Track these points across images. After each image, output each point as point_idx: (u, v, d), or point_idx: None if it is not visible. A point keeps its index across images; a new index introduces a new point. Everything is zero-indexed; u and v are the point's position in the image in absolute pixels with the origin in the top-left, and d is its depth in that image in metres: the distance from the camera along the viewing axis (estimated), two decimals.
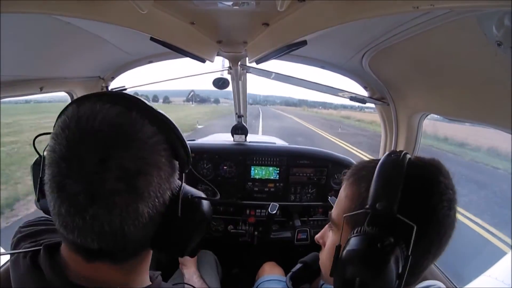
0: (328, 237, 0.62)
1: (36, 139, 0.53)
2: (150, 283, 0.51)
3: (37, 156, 0.53)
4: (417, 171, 0.49)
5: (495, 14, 0.53)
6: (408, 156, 0.52)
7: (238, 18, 0.88)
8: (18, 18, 0.68)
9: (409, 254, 0.43)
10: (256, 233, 1.54)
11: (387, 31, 0.79)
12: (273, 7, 0.68)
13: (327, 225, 0.65)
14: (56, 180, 0.37)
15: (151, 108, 0.42)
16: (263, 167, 1.64)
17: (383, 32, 0.81)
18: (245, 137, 1.70)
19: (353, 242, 0.45)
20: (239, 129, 1.69)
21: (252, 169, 1.64)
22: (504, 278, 0.90)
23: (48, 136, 0.41)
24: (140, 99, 0.42)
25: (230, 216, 1.64)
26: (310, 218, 1.63)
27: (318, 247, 0.68)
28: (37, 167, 0.48)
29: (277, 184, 1.64)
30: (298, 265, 0.84)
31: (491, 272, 0.95)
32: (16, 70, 0.93)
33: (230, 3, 0.73)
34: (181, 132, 0.45)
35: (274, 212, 1.37)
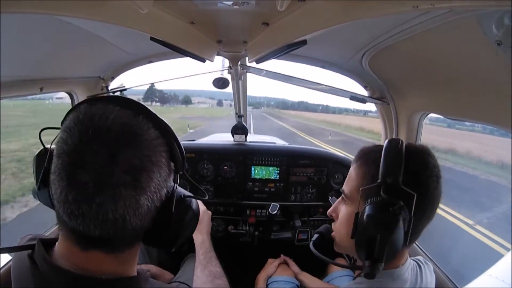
0: (340, 210, 0.73)
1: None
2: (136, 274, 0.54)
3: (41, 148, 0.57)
4: (413, 154, 0.62)
5: (495, 13, 0.53)
6: (404, 143, 0.65)
7: (238, 17, 0.88)
8: (18, 18, 0.68)
9: (412, 216, 0.56)
10: (256, 233, 1.54)
11: (387, 30, 0.79)
12: (273, 7, 0.68)
13: (338, 200, 0.76)
14: (67, 169, 0.41)
15: (155, 114, 0.48)
16: (263, 167, 1.64)
17: (383, 32, 0.81)
18: (245, 137, 1.70)
19: (369, 208, 0.58)
20: (239, 129, 1.69)
21: (253, 169, 1.64)
22: (504, 277, 0.90)
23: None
24: (145, 106, 0.48)
25: (230, 217, 1.64)
26: (310, 218, 1.63)
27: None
28: (41, 158, 0.52)
29: (278, 184, 1.64)
30: (316, 235, 0.93)
31: (491, 271, 0.95)
32: (16, 70, 0.93)
33: (230, 2, 0.73)
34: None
35: (275, 212, 1.37)
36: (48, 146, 0.53)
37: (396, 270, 0.65)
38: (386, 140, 0.65)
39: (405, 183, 0.57)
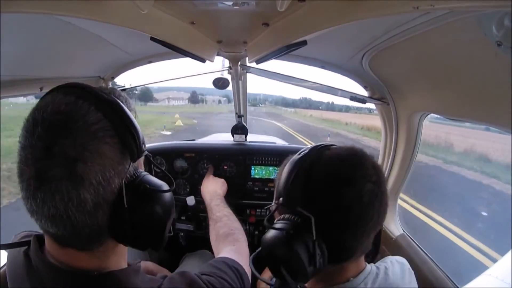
0: None
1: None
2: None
3: None
4: (323, 165, 0.56)
5: (495, 14, 0.53)
6: (330, 147, 0.59)
7: (238, 18, 0.88)
8: (18, 18, 0.68)
9: (315, 239, 0.51)
10: (256, 232, 1.54)
11: (387, 31, 0.79)
12: (273, 7, 0.68)
13: None
14: (17, 168, 0.41)
15: (100, 94, 0.44)
16: (263, 167, 1.64)
17: (383, 32, 0.81)
18: (245, 137, 1.70)
19: (267, 228, 0.55)
20: (239, 129, 1.69)
21: (252, 169, 1.64)
22: (504, 277, 0.90)
23: None
24: (92, 88, 0.44)
25: None
26: None
27: None
28: None
29: None
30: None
31: (491, 271, 0.95)
32: (16, 70, 0.93)
33: (230, 3, 0.73)
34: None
35: None
36: None
37: (347, 284, 0.58)
38: (306, 148, 0.60)
39: (306, 203, 0.52)
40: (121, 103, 0.46)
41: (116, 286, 0.47)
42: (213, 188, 1.25)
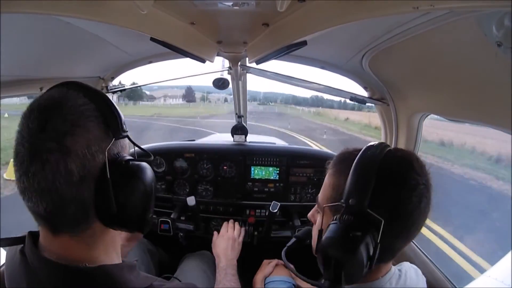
0: (317, 217, 0.69)
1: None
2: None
3: None
4: (390, 168, 0.55)
5: (495, 14, 0.53)
6: (388, 149, 0.58)
7: (238, 18, 0.88)
8: (18, 18, 0.68)
9: (378, 242, 0.51)
10: (256, 233, 1.54)
11: (387, 31, 0.79)
12: (273, 8, 0.68)
13: (315, 206, 0.71)
14: (14, 151, 0.45)
15: (87, 86, 0.50)
16: (263, 167, 1.63)
17: (383, 33, 0.81)
18: (245, 137, 1.70)
19: (330, 229, 0.53)
20: (239, 129, 1.69)
21: (252, 169, 1.64)
22: (504, 278, 0.90)
23: None
24: (81, 83, 0.50)
25: (230, 216, 1.63)
26: None
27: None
28: None
29: (277, 184, 1.64)
30: (292, 240, 0.91)
31: (491, 272, 0.95)
32: (16, 70, 0.93)
33: (230, 3, 0.73)
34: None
35: (275, 210, 1.37)
36: None
37: (375, 282, 0.61)
38: (364, 147, 0.59)
39: (374, 205, 0.51)
40: (101, 91, 0.52)
41: (108, 279, 0.48)
42: (231, 255, 1.22)
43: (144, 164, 0.53)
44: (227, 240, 1.27)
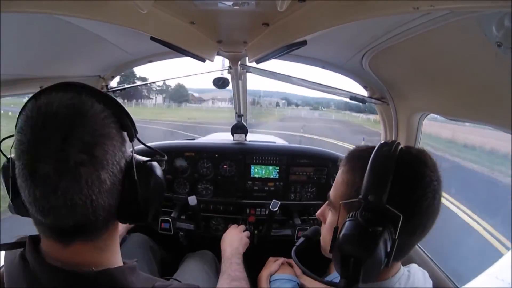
0: (327, 215, 0.69)
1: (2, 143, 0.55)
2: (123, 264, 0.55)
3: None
4: (405, 165, 0.55)
5: (495, 15, 0.53)
6: (400, 147, 0.58)
7: (238, 18, 0.87)
8: (18, 18, 0.68)
9: (396, 238, 0.51)
10: (256, 232, 1.55)
11: (387, 31, 0.79)
12: (273, 7, 0.68)
13: (326, 204, 0.71)
14: (28, 167, 0.42)
15: (96, 90, 0.49)
16: (263, 166, 1.64)
17: (383, 33, 0.81)
18: (245, 136, 1.70)
19: (348, 226, 0.53)
20: (239, 128, 1.69)
21: (252, 168, 1.64)
22: (504, 276, 0.90)
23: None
24: (87, 85, 0.49)
25: (230, 215, 1.64)
26: (310, 217, 1.63)
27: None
28: (6, 169, 0.50)
29: (277, 183, 1.64)
30: (301, 239, 0.90)
31: (491, 271, 0.95)
32: (17, 69, 0.93)
33: (230, 3, 0.73)
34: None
35: (276, 209, 1.37)
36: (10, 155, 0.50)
37: (386, 282, 0.61)
38: (378, 144, 0.58)
39: (392, 201, 0.51)
40: (111, 95, 0.53)
41: (112, 284, 0.48)
42: (236, 244, 1.23)
43: (155, 163, 0.56)
44: (233, 234, 1.30)
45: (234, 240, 1.25)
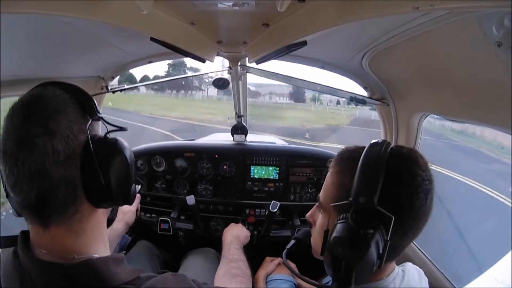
0: (317, 217, 0.68)
1: None
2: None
3: None
4: (396, 165, 0.54)
5: (495, 14, 0.53)
6: (390, 146, 0.57)
7: (238, 18, 0.87)
8: (18, 18, 0.68)
9: (388, 239, 0.50)
10: (255, 232, 1.54)
11: (387, 31, 0.79)
12: (273, 8, 0.68)
13: (316, 206, 0.70)
14: (2, 150, 0.47)
15: (62, 82, 0.55)
16: (263, 167, 1.63)
17: (383, 33, 0.81)
18: (245, 137, 1.70)
19: (339, 228, 0.52)
20: (239, 129, 1.68)
21: (252, 168, 1.64)
22: (503, 278, 0.90)
23: None
24: (57, 81, 0.55)
25: (229, 216, 1.64)
26: None
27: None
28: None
29: (277, 184, 1.64)
30: (292, 242, 0.91)
31: (490, 272, 0.95)
32: (17, 69, 0.93)
33: (230, 3, 0.73)
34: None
35: (275, 210, 1.37)
36: None
37: (380, 282, 0.60)
38: (368, 144, 0.58)
39: (383, 202, 0.50)
40: (75, 84, 0.56)
41: (94, 273, 0.50)
42: (236, 234, 1.26)
43: (121, 138, 0.57)
44: (233, 226, 1.33)
45: (234, 230, 1.28)
